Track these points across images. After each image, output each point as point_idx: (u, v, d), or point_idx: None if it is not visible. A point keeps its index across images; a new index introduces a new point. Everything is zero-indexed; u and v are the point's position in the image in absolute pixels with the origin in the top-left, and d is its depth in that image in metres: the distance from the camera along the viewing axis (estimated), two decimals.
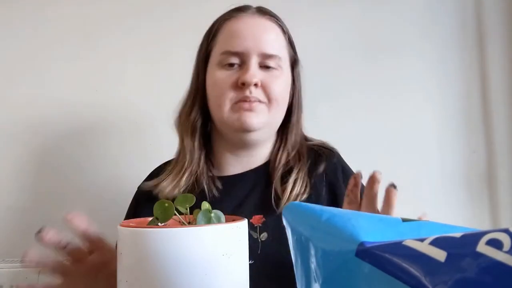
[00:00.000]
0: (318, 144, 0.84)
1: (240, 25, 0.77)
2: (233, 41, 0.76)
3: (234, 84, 0.74)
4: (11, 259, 1.05)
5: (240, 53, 0.75)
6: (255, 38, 0.75)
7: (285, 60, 0.79)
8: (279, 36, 0.79)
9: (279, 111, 0.78)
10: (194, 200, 0.50)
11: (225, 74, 0.76)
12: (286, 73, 0.79)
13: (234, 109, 0.75)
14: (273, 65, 0.76)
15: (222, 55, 0.76)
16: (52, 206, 1.13)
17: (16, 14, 1.19)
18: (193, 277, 0.41)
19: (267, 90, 0.75)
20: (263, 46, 0.75)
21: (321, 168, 0.78)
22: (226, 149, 0.81)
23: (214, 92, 0.77)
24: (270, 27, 0.78)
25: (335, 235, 0.29)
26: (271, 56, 0.76)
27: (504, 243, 0.20)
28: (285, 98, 0.79)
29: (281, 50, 0.78)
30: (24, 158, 1.15)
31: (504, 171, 1.12)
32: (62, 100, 1.16)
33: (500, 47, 1.15)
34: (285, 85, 0.79)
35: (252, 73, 0.73)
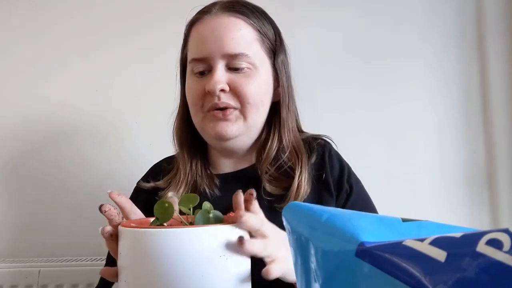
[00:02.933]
0: (310, 137, 0.82)
1: (203, 29, 0.74)
2: (197, 48, 0.74)
3: (203, 92, 0.72)
4: (11, 259, 1.05)
5: (204, 59, 0.72)
6: (216, 40, 0.71)
7: (256, 55, 0.74)
8: (245, 31, 0.73)
9: (257, 113, 0.74)
10: (198, 200, 0.50)
11: (195, 82, 0.74)
12: (261, 69, 0.74)
13: (208, 118, 0.73)
14: (243, 65, 0.71)
15: (190, 64, 0.75)
16: (52, 206, 1.13)
17: (16, 15, 1.19)
18: (190, 278, 0.41)
19: (237, 94, 0.71)
20: (225, 47, 0.71)
21: (312, 160, 0.77)
22: (216, 152, 0.81)
23: (189, 101, 0.76)
24: (232, 24, 0.73)
25: (335, 235, 0.29)
26: (236, 55, 0.71)
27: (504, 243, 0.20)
28: (261, 97, 0.74)
29: (250, 46, 0.73)
30: (24, 157, 1.15)
31: (504, 171, 1.12)
32: (62, 100, 1.16)
33: (500, 47, 1.15)
34: (260, 84, 0.74)
35: (215, 80, 0.70)
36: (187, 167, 0.79)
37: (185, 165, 0.79)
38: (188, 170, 0.79)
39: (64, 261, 1.02)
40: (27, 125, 1.16)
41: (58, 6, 1.19)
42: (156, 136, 1.12)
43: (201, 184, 0.78)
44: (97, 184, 1.13)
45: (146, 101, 1.15)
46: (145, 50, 1.17)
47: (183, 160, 0.80)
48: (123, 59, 1.17)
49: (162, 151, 0.88)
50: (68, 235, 1.11)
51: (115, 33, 1.18)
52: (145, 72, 1.16)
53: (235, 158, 0.81)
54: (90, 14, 1.19)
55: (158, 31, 1.16)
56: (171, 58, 0.86)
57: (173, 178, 0.80)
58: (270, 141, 0.77)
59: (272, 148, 0.77)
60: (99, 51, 1.17)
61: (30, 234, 1.13)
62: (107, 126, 1.16)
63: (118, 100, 1.16)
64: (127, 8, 1.18)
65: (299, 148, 0.78)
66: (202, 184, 0.78)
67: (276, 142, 0.77)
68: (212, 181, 0.79)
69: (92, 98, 1.16)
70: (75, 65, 1.17)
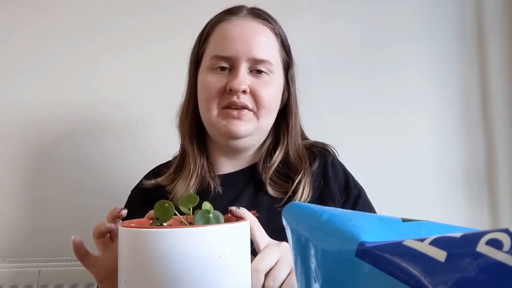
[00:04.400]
0: (312, 144, 0.84)
1: (231, 29, 0.76)
2: (223, 46, 0.76)
3: (223, 89, 0.74)
4: (11, 259, 1.05)
5: (230, 58, 0.74)
6: (245, 43, 0.74)
7: (276, 64, 0.78)
8: (271, 39, 0.78)
9: (269, 117, 0.78)
10: (198, 201, 0.50)
11: (215, 78, 0.75)
12: (277, 77, 0.78)
13: (222, 114, 0.75)
14: (263, 69, 0.75)
15: (212, 59, 0.76)
16: (52, 206, 1.13)
17: (15, 14, 1.19)
18: (190, 278, 0.41)
19: (256, 97, 0.74)
20: (253, 51, 0.74)
21: (314, 166, 0.79)
22: (219, 151, 0.82)
23: (203, 95, 0.77)
24: (261, 31, 0.77)
25: (335, 235, 0.29)
26: (262, 61, 0.75)
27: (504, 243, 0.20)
28: (275, 103, 0.78)
29: (272, 55, 0.77)
30: (24, 158, 1.15)
31: (503, 171, 1.12)
32: (62, 100, 1.16)
33: (500, 47, 1.15)
34: (275, 90, 0.78)
35: (240, 80, 0.72)
36: (198, 159, 0.80)
37: (195, 158, 0.80)
38: (199, 163, 0.80)
39: (64, 261, 1.02)
40: (26, 125, 1.15)
41: (58, 5, 1.19)
42: (156, 136, 1.13)
43: (208, 179, 0.79)
44: (97, 184, 1.13)
45: (146, 101, 1.15)
46: (145, 50, 1.17)
47: (193, 153, 0.80)
48: (123, 59, 1.17)
49: (162, 151, 0.88)
50: (68, 235, 1.10)
51: (115, 32, 1.17)
52: (145, 72, 1.16)
53: (237, 159, 0.82)
54: (90, 14, 1.19)
55: (159, 31, 1.16)
56: (171, 58, 0.86)
57: (180, 172, 0.80)
58: (279, 148, 0.80)
59: (280, 154, 0.79)
60: (99, 51, 1.17)
61: (30, 234, 1.13)
62: (107, 126, 1.16)
63: (118, 100, 1.16)
64: (127, 8, 1.18)
65: (303, 154, 0.80)
66: (208, 179, 0.79)
67: (283, 148, 0.80)
68: (214, 180, 0.80)
69: (92, 98, 1.16)
70: (75, 65, 1.17)
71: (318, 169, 0.79)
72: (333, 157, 0.83)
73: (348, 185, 0.79)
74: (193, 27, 0.84)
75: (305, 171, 0.77)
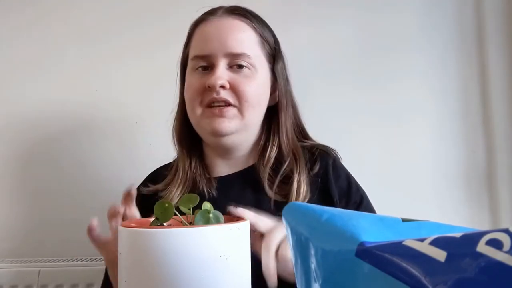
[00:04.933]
0: (314, 145, 0.83)
1: (207, 29, 0.77)
2: (200, 45, 0.77)
3: (202, 87, 0.74)
4: (11, 259, 1.05)
5: (207, 56, 0.75)
6: (220, 39, 0.74)
7: (257, 57, 0.77)
8: (248, 33, 0.77)
9: (254, 112, 0.76)
10: (198, 201, 0.50)
11: (196, 78, 0.76)
12: (261, 71, 0.77)
13: (205, 114, 0.75)
14: (243, 64, 0.75)
15: (192, 60, 0.78)
16: (51, 206, 1.13)
17: (16, 15, 1.19)
18: (190, 278, 0.41)
19: (236, 92, 0.74)
20: (228, 46, 0.74)
21: (315, 169, 0.78)
22: (213, 153, 0.82)
23: (187, 96, 0.78)
24: (237, 26, 0.77)
25: (335, 235, 0.29)
26: (238, 55, 0.74)
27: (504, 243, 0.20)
28: (258, 97, 0.77)
29: (250, 48, 0.76)
30: (24, 158, 1.15)
31: (503, 171, 1.12)
32: (62, 100, 1.16)
33: (500, 47, 1.14)
34: (258, 85, 0.76)
35: (217, 76, 0.72)
36: (187, 164, 0.80)
37: (184, 163, 0.80)
38: (188, 168, 0.80)
39: (64, 261, 1.02)
40: (26, 125, 1.15)
41: (58, 5, 1.19)
42: (156, 136, 1.12)
43: (200, 183, 0.79)
44: (97, 184, 1.13)
45: (146, 101, 1.15)
46: (145, 50, 1.17)
47: (183, 158, 0.81)
48: (123, 59, 1.17)
49: (162, 151, 0.87)
50: (68, 235, 1.10)
51: (115, 33, 1.17)
52: (145, 72, 1.16)
53: (232, 159, 0.81)
54: (90, 14, 1.19)
55: (159, 31, 1.16)
56: (171, 58, 0.86)
57: (172, 178, 0.80)
58: (270, 144, 0.79)
59: (272, 151, 0.78)
60: (99, 51, 1.17)
61: (30, 234, 1.13)
62: (107, 126, 1.16)
63: (118, 100, 1.16)
64: (127, 8, 1.18)
65: (297, 151, 0.79)
66: (201, 183, 0.78)
67: (276, 145, 0.79)
68: (210, 183, 0.79)
69: (92, 98, 1.16)
70: (75, 65, 1.17)
71: (319, 171, 0.78)
72: (334, 159, 0.81)
73: (350, 190, 0.78)
74: None
75: (299, 169, 0.76)
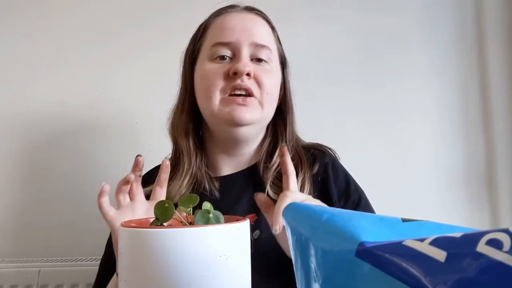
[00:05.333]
0: (311, 146, 0.83)
1: (230, 19, 0.77)
2: (224, 33, 0.75)
3: (226, 74, 0.73)
4: (11, 259, 1.05)
5: (232, 44, 0.74)
6: (245, 29, 0.75)
7: (275, 54, 0.78)
8: (269, 30, 0.79)
9: (271, 107, 0.77)
10: (198, 200, 0.50)
11: (216, 66, 0.74)
12: (276, 69, 0.79)
13: (225, 102, 0.73)
14: (264, 57, 0.75)
15: (213, 47, 0.75)
16: (51, 206, 1.13)
17: (17, 15, 1.19)
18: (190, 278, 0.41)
19: (259, 83, 0.74)
20: (254, 36, 0.75)
21: (315, 169, 0.78)
22: (218, 149, 0.81)
23: (204, 85, 0.75)
24: (260, 21, 0.79)
25: (335, 235, 0.29)
26: (263, 46, 0.75)
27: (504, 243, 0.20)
28: (276, 92, 0.78)
29: (272, 43, 0.78)
30: (24, 157, 1.15)
31: (503, 171, 1.12)
32: (62, 100, 1.16)
33: (500, 47, 1.15)
34: (276, 80, 0.78)
35: (244, 62, 0.72)
36: (193, 158, 0.78)
37: (190, 156, 0.78)
38: (194, 161, 0.78)
39: (64, 261, 1.02)
40: (26, 125, 1.16)
41: (58, 5, 1.19)
42: (156, 136, 1.12)
43: (203, 181, 0.78)
44: (97, 184, 1.13)
45: (146, 101, 1.15)
46: (145, 50, 1.17)
47: (189, 151, 0.79)
48: (123, 59, 1.17)
49: (162, 151, 0.87)
50: (68, 235, 1.11)
51: (115, 33, 1.17)
52: (145, 72, 1.16)
53: (236, 156, 0.81)
54: (90, 13, 1.19)
55: (159, 31, 1.16)
56: (171, 58, 0.86)
57: (175, 172, 0.78)
58: (278, 146, 0.79)
59: (277, 150, 0.78)
60: (99, 51, 1.17)
61: (30, 234, 1.13)
62: (107, 126, 1.16)
63: (118, 100, 1.16)
64: (128, 8, 1.18)
65: (301, 153, 0.79)
66: (203, 181, 0.78)
67: (283, 143, 0.79)
68: (212, 182, 0.79)
69: (92, 98, 1.16)
70: (75, 65, 1.17)
71: (318, 171, 0.78)
72: (333, 159, 0.82)
73: (348, 190, 0.78)
74: (193, 29, 0.84)
75: (304, 170, 0.76)
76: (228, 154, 0.81)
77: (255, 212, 0.74)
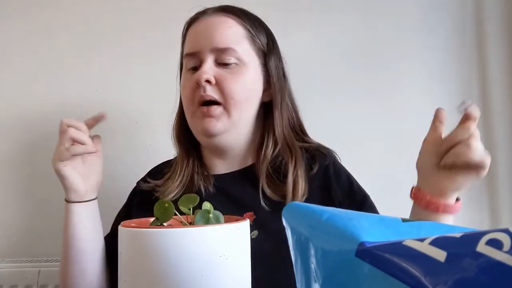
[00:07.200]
0: (311, 146, 0.82)
1: (197, 27, 0.78)
2: (190, 44, 0.78)
3: (194, 86, 0.74)
4: (11, 259, 1.05)
5: (195, 54, 0.76)
6: (206, 36, 0.75)
7: (245, 53, 0.76)
8: (235, 29, 0.76)
9: (241, 110, 0.75)
10: (198, 201, 0.50)
11: (188, 77, 0.77)
12: (250, 67, 0.76)
13: (196, 114, 0.75)
14: (230, 60, 0.74)
15: (184, 59, 0.79)
16: (52, 206, 1.13)
17: (17, 14, 1.19)
18: (190, 278, 0.41)
19: (222, 88, 0.73)
20: (214, 41, 0.74)
21: (314, 169, 0.77)
22: (209, 152, 0.82)
23: (183, 96, 0.79)
24: (223, 22, 0.76)
25: (335, 235, 0.29)
26: (224, 49, 0.74)
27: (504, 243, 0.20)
28: (246, 93, 0.75)
29: (238, 43, 0.75)
30: (24, 158, 1.15)
31: (504, 171, 1.12)
32: (62, 100, 1.16)
33: (500, 48, 1.14)
34: (246, 81, 0.75)
35: (202, 70, 0.73)
36: (185, 162, 0.81)
37: (182, 161, 0.81)
38: (185, 165, 0.80)
39: None
40: (26, 125, 1.15)
41: (59, 6, 1.19)
42: (156, 136, 1.12)
43: (197, 181, 0.79)
44: None
45: (146, 101, 1.15)
46: (145, 50, 1.17)
47: (181, 156, 0.82)
48: (123, 59, 1.17)
49: (162, 151, 0.88)
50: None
51: (115, 32, 1.17)
52: (145, 72, 1.16)
53: (228, 158, 0.81)
54: (91, 14, 1.19)
55: (159, 31, 1.16)
56: (171, 58, 0.86)
57: (171, 174, 0.81)
58: (265, 141, 0.78)
59: (268, 148, 0.78)
60: (99, 51, 1.17)
61: (30, 234, 1.13)
62: (107, 126, 1.16)
63: (118, 100, 1.16)
64: (128, 8, 1.18)
65: (294, 147, 0.78)
66: (198, 181, 0.79)
67: (271, 142, 0.78)
68: (208, 180, 0.79)
69: (92, 98, 1.16)
70: (75, 65, 1.17)
71: (318, 171, 0.77)
72: (334, 160, 0.81)
73: (352, 189, 0.78)
74: None
75: (296, 164, 0.75)
76: (219, 157, 0.81)
77: (253, 211, 0.74)
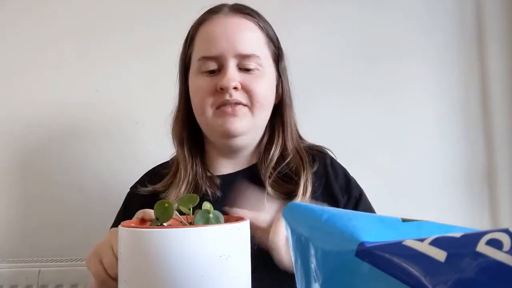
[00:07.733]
0: (310, 146, 0.83)
1: (213, 28, 0.75)
2: (208, 46, 0.75)
3: (214, 90, 0.73)
4: (11, 259, 1.05)
5: (216, 57, 0.73)
6: (229, 40, 0.73)
7: (265, 58, 0.76)
8: (256, 33, 0.76)
9: (263, 113, 0.77)
10: (198, 201, 0.50)
11: (205, 80, 0.75)
12: (268, 71, 0.77)
13: (217, 114, 0.74)
14: (252, 66, 0.74)
15: (199, 61, 0.75)
16: (52, 206, 1.13)
17: (16, 13, 1.19)
18: (190, 278, 0.41)
19: (249, 92, 0.73)
20: (238, 47, 0.73)
21: (314, 168, 0.78)
22: (215, 152, 0.81)
23: (196, 100, 0.77)
24: (245, 26, 0.75)
25: (335, 235, 0.29)
26: (249, 56, 0.73)
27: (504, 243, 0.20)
28: (269, 98, 0.77)
29: (260, 48, 0.76)
30: (24, 158, 1.15)
31: (504, 171, 1.12)
32: (62, 100, 1.16)
33: (500, 48, 1.15)
34: (268, 85, 0.77)
35: (229, 77, 0.71)
36: (188, 166, 0.79)
37: (186, 164, 0.79)
38: (189, 169, 0.79)
39: (64, 261, 1.02)
40: (26, 125, 1.15)
41: (58, 5, 1.19)
42: (156, 136, 1.12)
43: (203, 185, 0.78)
44: (97, 184, 1.13)
45: (146, 101, 1.15)
46: (145, 50, 1.17)
47: (184, 160, 0.80)
48: (123, 59, 1.17)
49: (162, 151, 0.87)
50: (68, 235, 1.11)
51: (115, 32, 1.17)
52: (145, 72, 1.16)
53: (235, 158, 0.81)
54: (90, 13, 1.19)
55: (159, 31, 1.16)
56: (171, 58, 0.86)
57: (174, 179, 0.79)
58: (274, 143, 0.79)
59: (276, 150, 0.78)
60: (99, 51, 1.17)
61: (30, 234, 1.13)
62: (107, 126, 1.16)
63: (118, 100, 1.16)
64: (128, 7, 1.18)
65: (302, 151, 0.79)
66: (203, 185, 0.78)
67: (280, 144, 0.79)
68: (212, 182, 0.79)
69: (92, 98, 1.16)
70: (75, 65, 1.17)
71: (318, 171, 0.78)
72: (331, 158, 0.82)
73: (349, 186, 0.79)
74: None
75: (306, 167, 0.76)
76: (227, 157, 0.81)
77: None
